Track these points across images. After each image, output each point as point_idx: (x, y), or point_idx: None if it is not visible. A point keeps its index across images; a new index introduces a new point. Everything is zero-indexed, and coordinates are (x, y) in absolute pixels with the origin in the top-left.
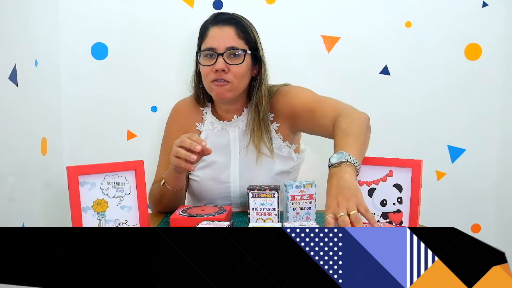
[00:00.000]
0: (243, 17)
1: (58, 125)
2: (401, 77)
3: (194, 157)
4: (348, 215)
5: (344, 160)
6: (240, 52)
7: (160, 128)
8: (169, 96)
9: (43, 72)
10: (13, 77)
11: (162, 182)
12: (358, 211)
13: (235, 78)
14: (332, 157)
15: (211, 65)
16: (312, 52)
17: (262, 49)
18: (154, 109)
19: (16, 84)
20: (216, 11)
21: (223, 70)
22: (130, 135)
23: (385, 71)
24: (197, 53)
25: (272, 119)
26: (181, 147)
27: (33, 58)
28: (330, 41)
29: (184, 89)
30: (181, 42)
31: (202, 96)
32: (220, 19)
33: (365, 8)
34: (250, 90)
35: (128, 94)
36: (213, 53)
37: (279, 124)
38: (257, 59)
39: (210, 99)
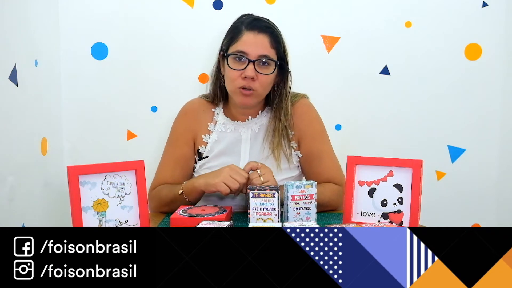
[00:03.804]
0: (276, 26)
1: (58, 125)
2: (401, 77)
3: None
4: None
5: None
6: (271, 62)
7: (160, 128)
8: (169, 96)
9: (43, 72)
10: (13, 77)
11: (180, 192)
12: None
13: (261, 86)
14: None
15: (240, 69)
16: (312, 52)
17: (288, 60)
18: (154, 109)
19: (16, 84)
20: (252, 15)
21: (252, 78)
22: (130, 135)
23: (385, 71)
24: (225, 54)
25: None
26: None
27: (33, 58)
28: (330, 41)
29: (184, 89)
30: (181, 42)
31: (219, 94)
32: (256, 25)
33: (365, 8)
34: (268, 95)
35: (128, 94)
36: (244, 58)
37: (293, 133)
38: (282, 68)
39: (225, 98)
